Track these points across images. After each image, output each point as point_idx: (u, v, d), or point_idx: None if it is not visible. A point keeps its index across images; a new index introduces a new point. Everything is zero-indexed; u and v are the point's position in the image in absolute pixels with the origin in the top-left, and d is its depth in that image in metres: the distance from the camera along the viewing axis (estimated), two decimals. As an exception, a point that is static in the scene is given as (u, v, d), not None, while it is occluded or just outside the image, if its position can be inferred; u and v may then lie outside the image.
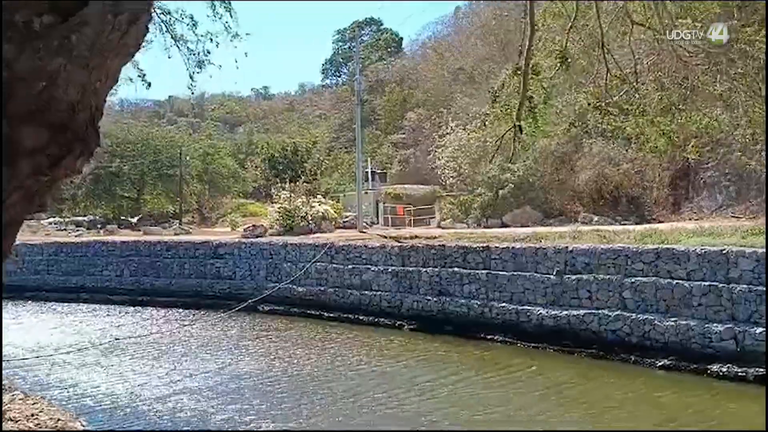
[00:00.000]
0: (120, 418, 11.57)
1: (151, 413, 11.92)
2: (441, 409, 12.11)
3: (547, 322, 16.75)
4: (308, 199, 29.65)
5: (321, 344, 18.35)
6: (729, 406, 11.90)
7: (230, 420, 11.47)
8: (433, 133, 37.26)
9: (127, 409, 12.12)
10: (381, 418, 11.64)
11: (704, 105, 11.81)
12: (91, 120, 2.88)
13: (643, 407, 12.08)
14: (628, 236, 16.57)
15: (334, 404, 12.43)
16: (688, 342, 14.12)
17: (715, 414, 11.61)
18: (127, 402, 12.62)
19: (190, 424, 11.33)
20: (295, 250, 24.42)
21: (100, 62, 2.69)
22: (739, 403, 12.05)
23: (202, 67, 9.55)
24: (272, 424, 11.28)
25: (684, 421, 11.33)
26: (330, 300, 22.60)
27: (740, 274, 13.63)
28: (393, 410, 12.04)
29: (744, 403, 11.96)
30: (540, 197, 28.74)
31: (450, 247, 19.73)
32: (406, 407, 12.22)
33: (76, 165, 2.96)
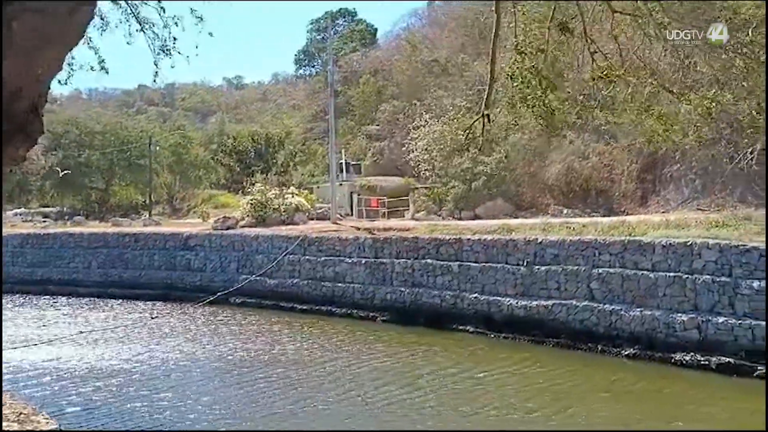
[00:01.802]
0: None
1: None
2: (403, 401, 12.22)
3: (517, 313, 16.97)
4: (281, 190, 29.43)
5: (287, 336, 18.31)
6: (695, 395, 12.21)
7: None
8: (407, 125, 37.24)
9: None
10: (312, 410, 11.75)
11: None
12: (33, 108, 2.80)
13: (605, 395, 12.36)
14: (596, 228, 16.84)
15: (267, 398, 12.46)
16: (654, 332, 14.45)
17: (682, 402, 11.87)
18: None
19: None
20: (267, 242, 24.27)
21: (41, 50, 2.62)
22: (705, 390, 12.38)
23: (168, 53, 9.34)
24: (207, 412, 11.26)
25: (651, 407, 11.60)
26: (303, 292, 22.54)
27: (704, 265, 13.97)
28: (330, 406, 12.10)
29: (710, 391, 12.29)
30: (512, 190, 29.01)
31: (423, 239, 19.83)
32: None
33: (18, 153, 2.89)
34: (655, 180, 25.61)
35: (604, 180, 26.86)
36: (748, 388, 12.25)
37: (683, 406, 11.62)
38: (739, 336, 13.19)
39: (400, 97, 43.31)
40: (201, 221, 33.84)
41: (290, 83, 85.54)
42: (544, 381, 13.22)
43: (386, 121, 42.81)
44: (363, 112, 46.82)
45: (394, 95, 44.39)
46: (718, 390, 12.39)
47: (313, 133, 54.64)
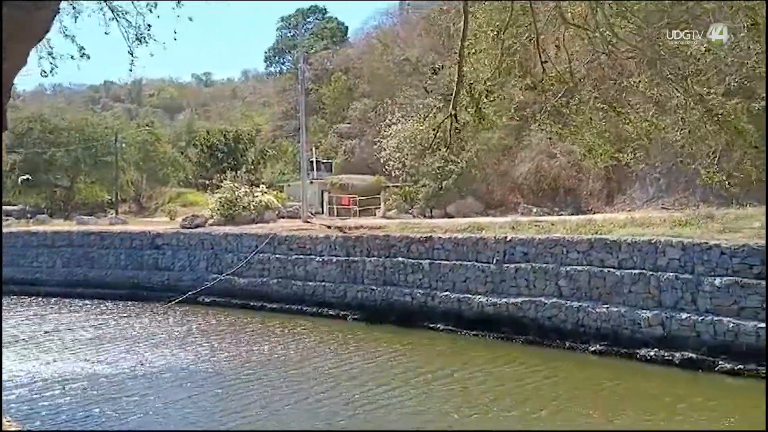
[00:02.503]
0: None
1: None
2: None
3: (487, 310, 17.14)
4: (251, 188, 29.19)
5: (259, 336, 18.17)
6: (668, 391, 12.38)
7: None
8: (378, 123, 37.28)
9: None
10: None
11: (639, 106, 12.18)
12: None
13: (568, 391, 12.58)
14: (564, 227, 17.11)
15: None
16: (619, 328, 14.74)
17: (658, 398, 12.08)
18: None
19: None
20: (237, 240, 24.05)
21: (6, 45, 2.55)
22: (676, 386, 12.64)
23: (143, 41, 9.14)
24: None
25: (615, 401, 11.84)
26: (273, 291, 22.39)
27: (667, 262, 14.30)
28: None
29: (685, 388, 12.48)
30: (482, 188, 29.28)
31: (394, 238, 19.88)
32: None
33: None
34: (620, 179, 26.12)
35: (572, 179, 27.30)
36: (716, 384, 12.57)
37: (659, 401, 11.77)
38: (702, 332, 13.53)
39: (371, 96, 43.34)
40: (169, 219, 33.39)
41: (260, 80, 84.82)
42: (518, 379, 13.31)
43: (357, 120, 42.81)
44: (334, 110, 46.73)
45: (365, 93, 44.40)
46: (688, 386, 12.58)
47: (284, 130, 54.31)
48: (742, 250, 13.31)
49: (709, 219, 15.36)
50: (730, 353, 13.05)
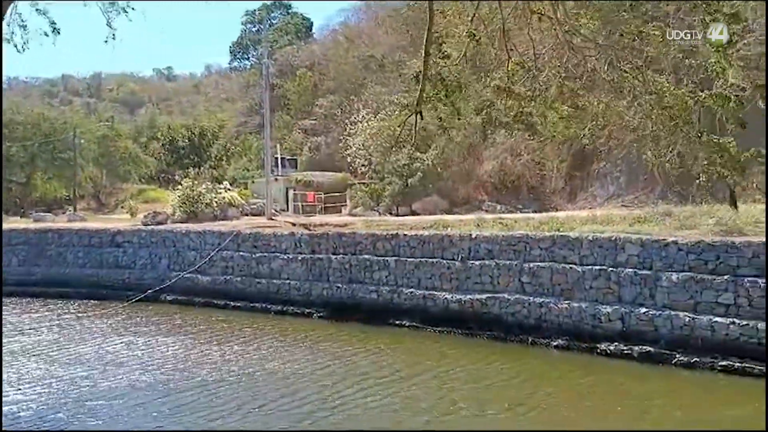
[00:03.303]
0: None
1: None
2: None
3: (452, 307, 17.27)
4: (214, 185, 28.79)
5: (225, 335, 17.96)
6: (635, 386, 12.67)
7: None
8: (344, 120, 37.16)
9: None
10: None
11: (600, 93, 12.35)
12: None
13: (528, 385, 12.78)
14: (527, 224, 17.38)
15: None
16: (581, 323, 15.04)
17: (627, 393, 12.32)
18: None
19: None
20: (200, 237, 23.70)
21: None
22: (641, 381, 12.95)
23: (120, 12, 8.96)
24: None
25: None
26: (236, 289, 22.14)
27: (627, 258, 14.64)
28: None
29: (651, 382, 12.74)
30: (447, 186, 29.45)
31: (360, 235, 19.86)
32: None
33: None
34: (583, 177, 26.60)
35: (535, 177, 27.67)
36: (678, 378, 12.93)
37: (628, 397, 12.02)
38: (659, 326, 13.90)
39: (337, 92, 43.13)
40: (130, 217, 32.67)
41: (224, 75, 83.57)
42: (487, 376, 13.41)
43: (323, 116, 42.55)
44: (299, 106, 46.34)
45: (330, 90, 44.15)
46: (652, 380, 12.83)
47: (248, 126, 53.62)
48: (698, 247, 13.71)
49: (667, 216, 15.77)
50: (687, 347, 13.44)
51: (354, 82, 41.65)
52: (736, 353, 12.82)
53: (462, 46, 9.64)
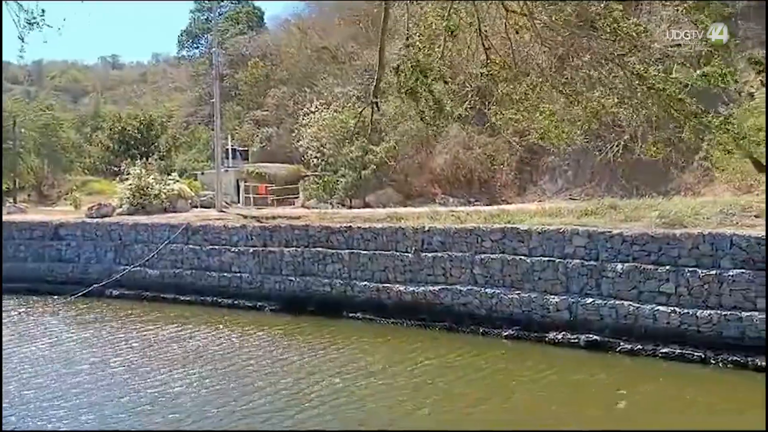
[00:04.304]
0: None
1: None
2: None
3: (405, 299, 17.39)
4: (162, 176, 28.07)
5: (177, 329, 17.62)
6: (592, 377, 13.00)
7: None
8: (296, 111, 36.78)
9: None
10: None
11: (585, 89, 12.54)
12: None
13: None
14: (479, 216, 17.62)
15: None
16: (530, 313, 15.40)
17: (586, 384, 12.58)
18: None
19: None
20: (147, 230, 23.10)
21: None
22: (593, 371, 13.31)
23: (35, 27, 8.50)
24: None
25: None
26: (186, 283, 21.70)
27: (574, 250, 15.05)
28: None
29: (604, 372, 13.09)
30: (401, 179, 29.56)
31: (313, 227, 19.74)
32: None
33: None
34: (532, 171, 27.17)
35: (486, 170, 28.07)
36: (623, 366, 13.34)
37: (588, 389, 12.28)
38: (605, 315, 14.37)
39: (289, 83, 42.61)
40: (73, 209, 31.51)
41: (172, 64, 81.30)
42: (448, 369, 13.43)
43: (275, 107, 42.00)
44: (250, 96, 45.56)
45: (283, 81, 43.58)
46: (603, 369, 13.18)
47: (198, 117, 52.41)
48: (641, 238, 14.21)
49: (613, 209, 16.25)
50: (630, 335, 13.94)
51: (307, 73, 41.26)
52: (676, 340, 13.38)
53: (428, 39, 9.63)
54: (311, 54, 42.43)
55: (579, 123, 12.12)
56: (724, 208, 14.54)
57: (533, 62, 10.79)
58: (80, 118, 60.45)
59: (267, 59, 46.48)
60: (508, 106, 10.84)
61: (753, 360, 12.40)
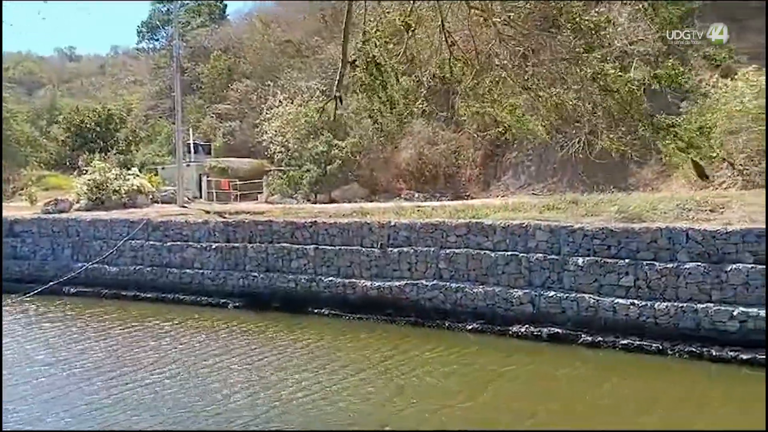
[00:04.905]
0: None
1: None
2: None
3: (371, 294, 17.39)
4: (122, 171, 27.44)
5: (139, 330, 17.24)
6: (555, 370, 13.15)
7: None
8: (260, 105, 36.37)
9: None
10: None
11: (545, 85, 12.65)
12: None
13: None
14: (444, 211, 17.72)
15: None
16: (494, 306, 15.57)
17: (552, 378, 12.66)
18: None
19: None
20: (106, 226, 22.56)
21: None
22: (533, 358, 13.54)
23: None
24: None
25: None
26: (147, 280, 21.28)
27: (537, 244, 15.28)
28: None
29: (566, 365, 13.18)
30: (366, 174, 29.53)
31: (278, 223, 19.56)
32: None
33: None
34: (496, 166, 27.46)
35: (451, 166, 28.27)
36: (586, 357, 13.55)
37: (553, 382, 12.33)
38: (567, 308, 14.63)
39: (252, 77, 42.11)
40: (29, 204, 30.55)
41: (131, 57, 79.49)
42: (417, 363, 13.41)
43: (238, 101, 41.45)
44: (212, 90, 44.86)
45: (246, 74, 43.03)
46: (567, 361, 13.30)
47: (158, 110, 51.38)
48: (602, 233, 14.50)
49: (574, 204, 16.56)
50: (591, 327, 14.23)
51: (270, 66, 40.82)
52: (635, 332, 13.71)
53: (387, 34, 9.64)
54: (275, 47, 42.02)
55: (540, 118, 12.28)
56: (680, 203, 14.95)
57: (496, 58, 10.87)
58: (35, 111, 58.65)
59: (229, 52, 45.85)
60: (471, 101, 10.90)
61: (708, 351, 12.79)
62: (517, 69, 10.71)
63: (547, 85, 10.79)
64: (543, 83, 10.75)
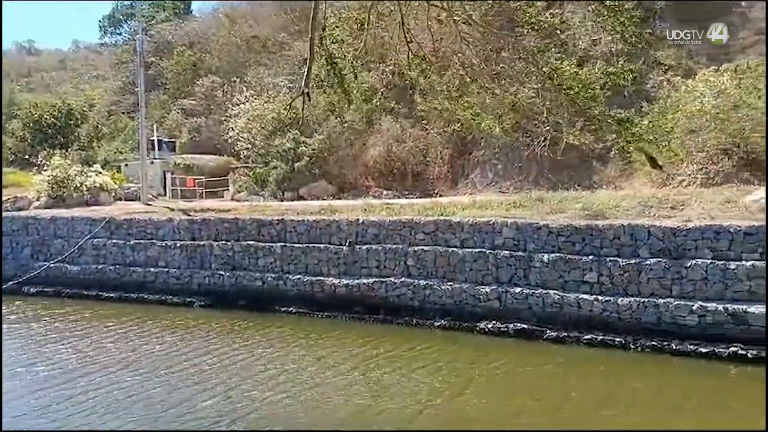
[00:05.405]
0: None
1: None
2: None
3: (339, 291, 17.35)
4: (83, 167, 26.79)
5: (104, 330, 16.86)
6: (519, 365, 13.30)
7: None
8: (226, 101, 35.90)
9: None
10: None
11: (501, 84, 12.79)
12: None
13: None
14: (412, 209, 17.77)
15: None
16: (462, 303, 15.69)
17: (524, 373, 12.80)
18: None
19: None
20: (67, 224, 22.01)
21: None
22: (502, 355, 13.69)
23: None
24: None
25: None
26: (110, 279, 20.85)
27: (503, 241, 15.45)
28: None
29: (532, 360, 13.40)
30: (335, 171, 29.40)
31: (244, 220, 19.36)
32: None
33: None
34: (464, 164, 27.62)
35: (419, 163, 28.33)
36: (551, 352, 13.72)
37: (523, 377, 12.48)
38: (533, 304, 14.83)
39: (218, 72, 41.51)
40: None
41: (94, 51, 77.65)
42: (389, 361, 13.39)
43: (203, 97, 40.82)
44: (177, 85, 44.06)
45: (211, 70, 42.40)
46: (533, 357, 13.50)
47: (121, 106, 50.25)
48: (566, 230, 14.74)
49: (540, 201, 16.79)
50: (556, 323, 14.46)
51: (236, 62, 40.32)
52: (599, 327, 13.97)
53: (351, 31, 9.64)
54: (241, 43, 41.51)
55: (496, 116, 12.44)
56: (642, 201, 15.29)
57: (455, 56, 10.96)
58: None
59: (195, 47, 45.12)
60: (431, 97, 10.98)
61: (669, 345, 13.11)
62: (477, 67, 10.82)
63: (505, 84, 10.94)
64: (501, 82, 10.90)
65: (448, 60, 10.71)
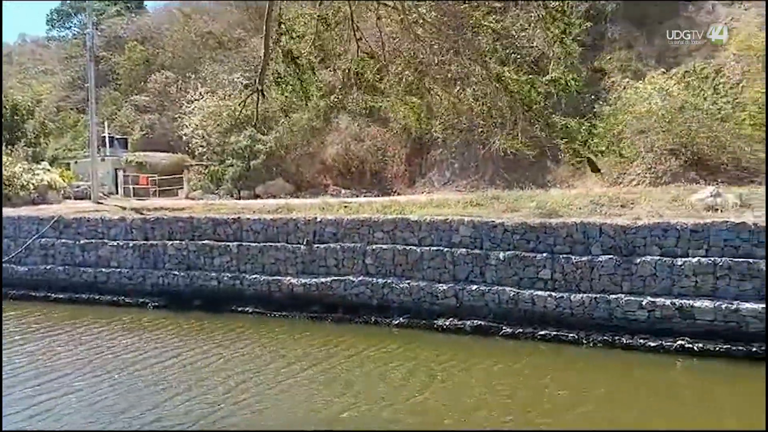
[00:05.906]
0: None
1: None
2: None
3: (297, 291, 17.23)
4: (30, 165, 25.86)
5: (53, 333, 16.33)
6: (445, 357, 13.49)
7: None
8: (180, 98, 35.18)
9: None
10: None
11: (447, 84, 12.89)
12: None
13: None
14: (371, 208, 17.79)
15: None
16: (420, 301, 15.79)
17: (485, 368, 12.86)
18: None
19: None
20: (14, 224, 21.23)
21: None
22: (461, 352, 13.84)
23: None
24: None
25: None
26: (59, 279, 20.19)
27: (460, 239, 15.63)
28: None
29: (491, 356, 13.47)
30: (292, 170, 29.18)
31: (199, 219, 19.03)
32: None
33: None
34: (421, 163, 27.81)
35: (378, 162, 28.39)
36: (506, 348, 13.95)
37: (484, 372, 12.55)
38: (489, 301, 15.05)
39: (172, 69, 40.61)
40: None
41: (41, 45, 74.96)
42: (357, 360, 13.36)
43: (157, 93, 39.89)
44: (130, 81, 42.94)
45: (165, 66, 41.46)
46: (490, 353, 13.61)
47: (70, 102, 48.63)
48: (521, 228, 15.01)
49: (495, 200, 17.05)
50: (511, 319, 14.70)
51: (190, 59, 39.54)
52: (553, 323, 14.28)
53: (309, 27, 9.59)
54: (195, 39, 40.72)
55: (437, 117, 12.57)
56: (594, 200, 15.69)
57: (400, 56, 11.02)
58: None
59: (147, 42, 44.05)
60: (376, 96, 11.03)
61: (620, 339, 13.50)
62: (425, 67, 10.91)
63: (450, 85, 11.06)
64: (445, 83, 11.02)
65: (394, 59, 10.76)
